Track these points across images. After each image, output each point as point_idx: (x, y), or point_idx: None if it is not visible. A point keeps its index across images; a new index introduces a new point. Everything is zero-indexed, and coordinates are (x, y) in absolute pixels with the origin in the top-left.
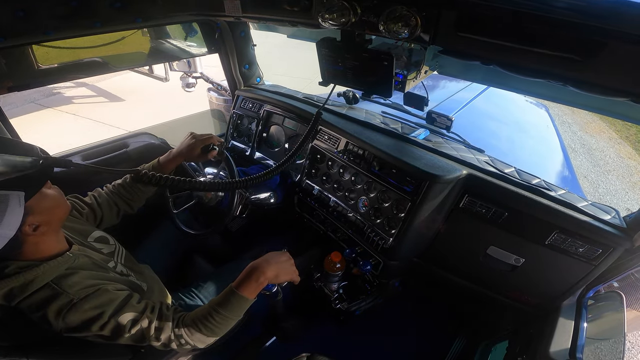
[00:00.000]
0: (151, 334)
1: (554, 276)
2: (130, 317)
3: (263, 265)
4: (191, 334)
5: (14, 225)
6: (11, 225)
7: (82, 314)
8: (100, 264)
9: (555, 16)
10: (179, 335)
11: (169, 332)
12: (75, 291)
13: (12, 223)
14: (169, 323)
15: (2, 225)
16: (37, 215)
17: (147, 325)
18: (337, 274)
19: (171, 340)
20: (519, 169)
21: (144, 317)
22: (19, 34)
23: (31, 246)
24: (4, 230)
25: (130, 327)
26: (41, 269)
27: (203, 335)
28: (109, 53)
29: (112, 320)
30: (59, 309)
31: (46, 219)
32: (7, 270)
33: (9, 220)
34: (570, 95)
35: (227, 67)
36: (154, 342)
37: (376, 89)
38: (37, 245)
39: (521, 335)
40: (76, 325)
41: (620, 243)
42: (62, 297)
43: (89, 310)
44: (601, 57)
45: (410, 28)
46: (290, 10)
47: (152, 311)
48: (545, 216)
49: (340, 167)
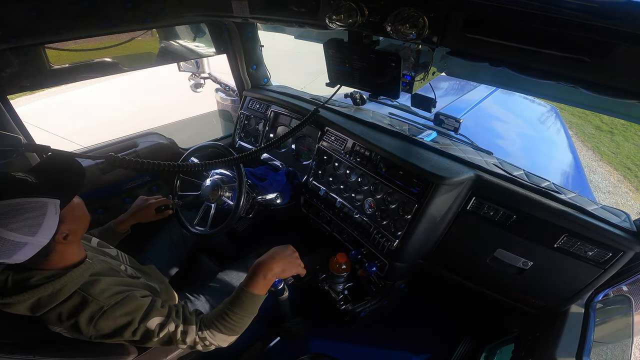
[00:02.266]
0: (178, 338)
1: (562, 279)
2: (157, 321)
3: (269, 261)
4: (213, 335)
5: (49, 234)
6: (46, 233)
7: (113, 321)
8: (115, 268)
9: (565, 17)
10: (203, 337)
11: (193, 335)
12: (104, 298)
13: (47, 232)
14: (193, 326)
15: (39, 233)
16: (68, 223)
17: (173, 329)
18: (342, 275)
19: (196, 343)
20: (528, 171)
21: (170, 321)
22: (32, 34)
23: (57, 255)
24: (39, 238)
25: (159, 332)
26: (68, 277)
27: (224, 335)
28: (119, 54)
29: (142, 326)
30: (90, 316)
31: (75, 227)
32: (33, 281)
33: (46, 228)
34: (580, 97)
35: (235, 68)
36: (181, 345)
37: (383, 90)
38: (63, 254)
39: (527, 338)
40: (108, 332)
41: (631, 246)
42: (92, 304)
43: (119, 317)
44: (612, 59)
45: (418, 29)
46: (297, 11)
47: (177, 315)
48: (555, 219)
49: (347, 168)
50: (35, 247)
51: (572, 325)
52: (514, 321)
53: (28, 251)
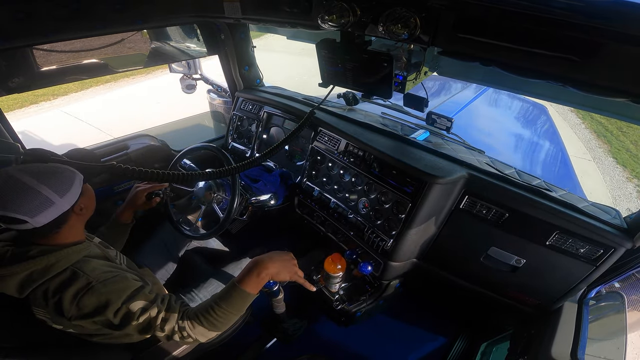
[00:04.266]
0: (157, 324)
1: (555, 277)
2: (141, 304)
3: (265, 260)
4: (193, 327)
5: (72, 201)
6: (70, 199)
7: (97, 297)
8: (111, 258)
9: (554, 17)
10: (182, 327)
11: (173, 323)
12: (95, 275)
13: (71, 197)
14: (175, 314)
15: (66, 196)
16: (85, 198)
17: (155, 315)
18: (337, 276)
19: (174, 332)
20: (519, 169)
21: (154, 307)
22: (19, 36)
23: (67, 228)
24: (64, 202)
25: (139, 315)
26: (64, 252)
27: (204, 329)
28: (109, 55)
29: (124, 307)
30: (76, 292)
31: (89, 204)
32: (31, 253)
33: (71, 194)
34: (569, 96)
35: (227, 69)
36: (159, 333)
37: (376, 90)
38: (71, 229)
39: (523, 335)
40: (89, 310)
41: (622, 243)
42: (81, 279)
43: (105, 294)
44: (600, 58)
45: (410, 29)
46: (290, 12)
47: (162, 302)
48: (546, 217)
49: (341, 168)
50: (58, 210)
51: (566, 323)
52: (509, 319)
53: (52, 212)
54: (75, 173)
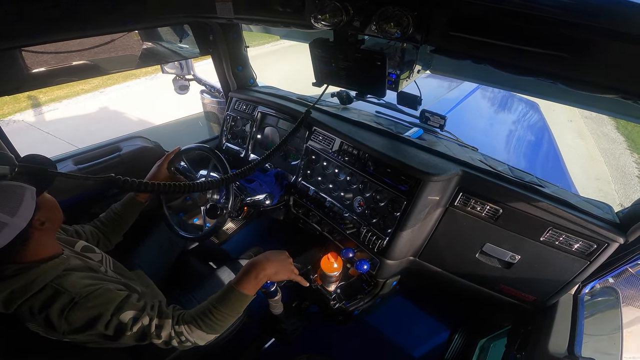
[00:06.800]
0: (152, 332)
1: (550, 272)
2: (131, 314)
3: (262, 261)
4: (191, 330)
5: (27, 217)
6: (24, 216)
7: (84, 312)
8: (94, 267)
9: (544, 14)
10: (179, 332)
11: (169, 329)
12: (76, 290)
13: (25, 214)
14: (169, 320)
15: (18, 214)
16: (44, 211)
17: (147, 323)
18: (334, 274)
19: (172, 338)
20: (512, 166)
21: (145, 315)
22: (7, 38)
23: (34, 244)
24: (18, 220)
25: (132, 325)
26: (41, 269)
27: (203, 332)
28: (101, 56)
29: (115, 319)
30: (61, 308)
31: (50, 216)
32: (7, 272)
33: (24, 211)
34: (560, 92)
35: (220, 69)
36: (156, 340)
37: (369, 88)
38: (39, 244)
39: (520, 332)
40: (80, 325)
41: (614, 238)
42: (63, 296)
43: (91, 308)
44: (590, 55)
45: (403, 28)
46: (282, 11)
47: (152, 309)
48: (539, 213)
49: (336, 167)
50: (14, 229)
51: (563, 319)
52: (506, 315)
53: (7, 233)
54: (25, 187)
